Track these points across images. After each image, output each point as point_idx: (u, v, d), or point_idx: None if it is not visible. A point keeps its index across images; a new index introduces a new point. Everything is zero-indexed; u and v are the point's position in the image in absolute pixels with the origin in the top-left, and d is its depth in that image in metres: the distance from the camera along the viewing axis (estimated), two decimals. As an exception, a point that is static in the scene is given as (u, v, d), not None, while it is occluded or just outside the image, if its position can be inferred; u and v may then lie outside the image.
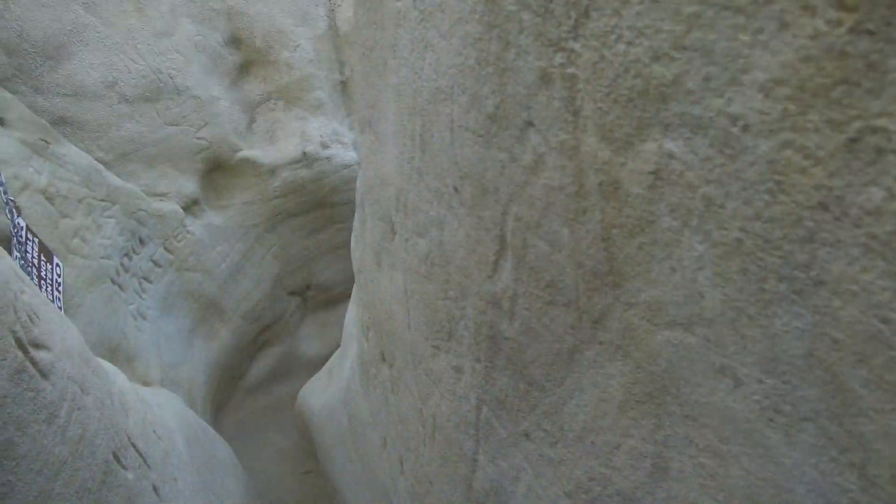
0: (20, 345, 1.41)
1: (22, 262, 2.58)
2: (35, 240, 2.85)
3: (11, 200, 2.75)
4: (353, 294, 3.17)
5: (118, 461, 1.83)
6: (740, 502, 0.61)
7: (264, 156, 4.42)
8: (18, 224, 2.74)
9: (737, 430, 0.57)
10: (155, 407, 2.79)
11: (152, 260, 3.94)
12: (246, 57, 4.39)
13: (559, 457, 0.92)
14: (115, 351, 3.36)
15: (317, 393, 3.92)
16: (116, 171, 3.79)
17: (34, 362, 1.46)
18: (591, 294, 0.62)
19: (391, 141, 1.12)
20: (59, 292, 2.96)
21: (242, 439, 4.70)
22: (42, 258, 2.87)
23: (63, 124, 3.66)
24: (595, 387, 0.73)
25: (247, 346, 5.00)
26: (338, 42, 4.57)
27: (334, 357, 3.87)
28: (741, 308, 0.49)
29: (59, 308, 2.83)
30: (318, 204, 4.83)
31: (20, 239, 2.71)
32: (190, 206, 4.24)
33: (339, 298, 4.88)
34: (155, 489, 2.10)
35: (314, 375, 4.37)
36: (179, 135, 4.05)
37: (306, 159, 4.51)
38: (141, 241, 3.82)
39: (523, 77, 0.54)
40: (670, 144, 0.47)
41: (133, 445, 2.03)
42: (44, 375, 1.49)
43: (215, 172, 4.37)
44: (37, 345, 1.50)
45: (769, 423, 0.54)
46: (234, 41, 4.34)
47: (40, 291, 2.08)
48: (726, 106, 0.45)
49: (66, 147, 3.51)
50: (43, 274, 2.84)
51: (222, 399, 4.92)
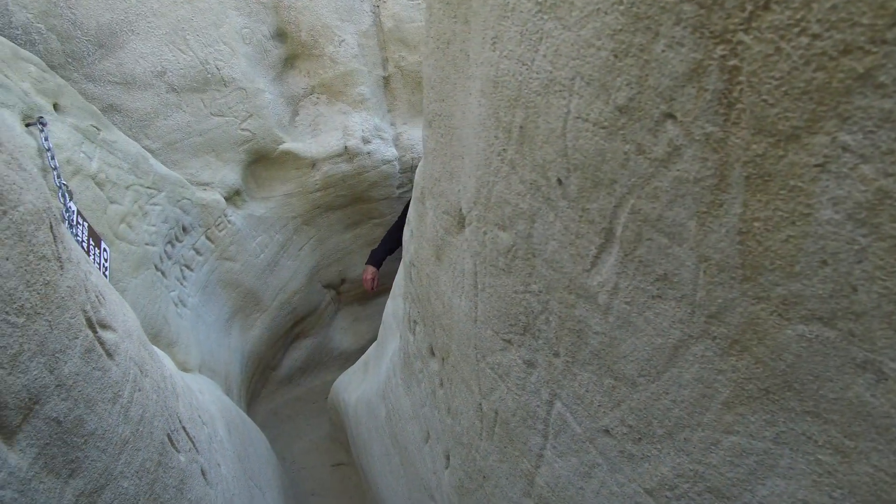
0: (90, 324, 1.44)
1: (74, 246, 2.62)
2: (84, 224, 2.90)
3: (64, 185, 2.80)
4: (396, 289, 3.19)
5: (172, 443, 1.85)
6: (861, 499, 0.60)
7: (306, 149, 4.46)
8: (70, 208, 2.79)
9: (871, 426, 0.57)
10: (197, 392, 2.82)
11: (194, 248, 3.99)
12: (291, 50, 4.43)
13: (642, 453, 0.92)
14: (157, 336, 3.41)
15: (352, 386, 3.95)
16: (162, 160, 3.85)
17: (101, 342, 1.49)
18: (712, 288, 0.62)
19: (472, 134, 1.12)
20: (106, 276, 3.01)
21: (274, 429, 4.74)
22: (91, 242, 2.92)
23: (113, 112, 3.73)
24: (698, 382, 0.72)
25: (281, 337, 5.04)
26: (382, 38, 4.58)
27: (370, 351, 3.89)
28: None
29: (109, 292, 2.87)
30: (357, 199, 4.86)
31: (71, 223, 2.76)
32: (232, 197, 4.29)
33: (373, 293, 4.90)
34: (203, 473, 2.13)
35: (348, 368, 4.39)
36: (224, 125, 4.10)
37: (347, 154, 4.54)
38: (184, 230, 3.88)
39: (670, 69, 0.54)
40: (846, 137, 0.47)
41: (184, 429, 2.06)
42: (110, 355, 1.51)
43: (257, 164, 4.42)
44: (104, 325, 1.53)
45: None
46: (280, 35, 4.37)
47: (95, 274, 2.11)
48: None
49: (116, 134, 3.56)
50: (91, 258, 2.89)
51: (256, 388, 4.97)
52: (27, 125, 2.76)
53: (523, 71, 0.78)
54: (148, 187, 3.59)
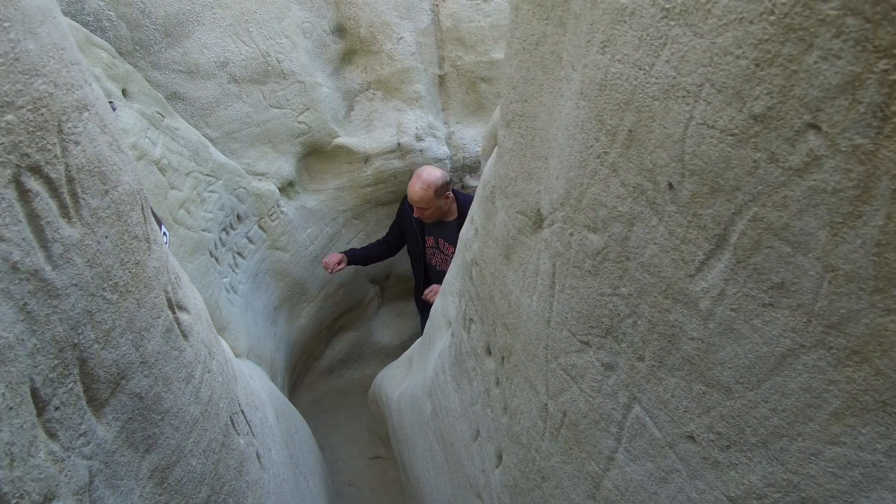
0: (170, 305, 1.48)
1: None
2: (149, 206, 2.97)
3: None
4: (447, 287, 3.20)
5: (233, 426, 1.90)
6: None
7: (359, 144, 4.50)
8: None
9: None
10: (248, 378, 2.88)
11: (247, 237, 4.06)
12: (349, 46, 4.47)
13: (729, 461, 0.92)
14: (209, 321, 3.48)
15: (395, 381, 3.97)
16: (221, 148, 3.92)
17: (179, 323, 1.53)
18: (836, 298, 0.62)
19: (563, 135, 1.12)
20: (167, 260, 3.08)
21: (314, 419, 4.79)
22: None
23: (176, 99, 3.81)
24: (805, 392, 0.72)
25: (325, 329, 5.11)
26: (439, 37, 4.61)
27: (415, 347, 3.92)
28: None
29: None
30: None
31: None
32: (285, 188, 4.36)
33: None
34: (258, 457, 2.17)
35: (391, 363, 4.43)
36: (282, 117, 4.16)
37: (400, 150, 4.57)
38: (238, 218, 3.95)
39: (821, 80, 0.54)
40: None
41: (242, 412, 2.11)
42: (185, 336, 1.56)
43: (311, 156, 4.48)
44: (181, 307, 1.57)
45: None
46: (340, 30, 4.42)
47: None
48: None
49: (179, 121, 3.64)
50: (154, 241, 2.96)
51: (298, 378, 5.05)
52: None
53: (639, 75, 0.79)
54: (207, 175, 3.66)
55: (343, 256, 4.54)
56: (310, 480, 3.27)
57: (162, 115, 3.50)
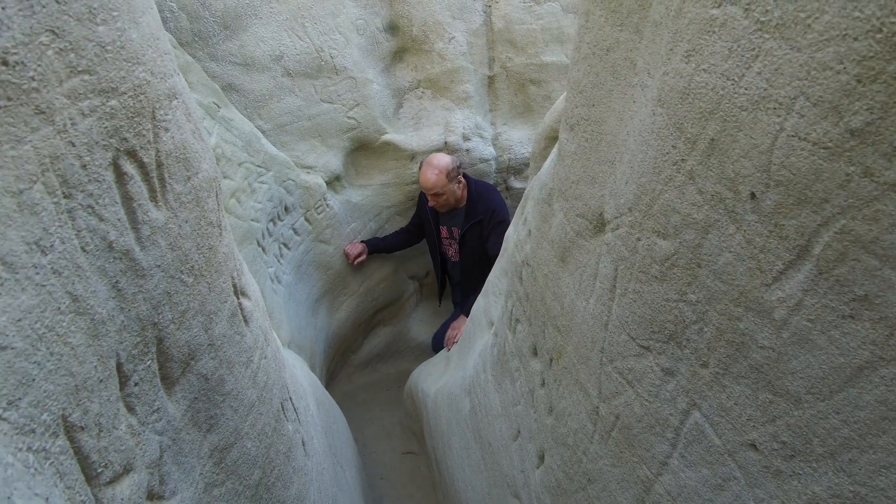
0: (235, 290, 1.53)
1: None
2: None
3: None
4: (489, 287, 3.22)
5: (283, 412, 1.94)
6: None
7: (407, 141, 4.54)
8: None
9: None
10: (292, 366, 2.93)
11: (293, 228, 4.13)
12: (401, 44, 4.51)
13: (792, 471, 0.92)
14: (265, 308, 3.54)
15: (431, 377, 4.00)
16: (272, 140, 3.99)
17: (241, 308, 1.58)
18: (923, 312, 0.63)
19: (635, 141, 1.14)
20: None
21: (348, 411, 4.85)
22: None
23: (231, 91, 3.88)
24: (881, 405, 0.73)
25: (363, 323, 5.16)
26: (491, 38, 4.62)
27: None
28: None
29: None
30: (451, 194, 4.93)
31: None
32: (332, 182, 4.42)
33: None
34: (303, 444, 2.22)
35: (428, 359, 4.47)
36: (332, 112, 4.22)
37: (446, 149, 4.60)
38: (286, 209, 4.01)
39: (926, 98, 0.56)
40: None
41: (290, 399, 2.15)
42: (246, 322, 1.60)
43: (358, 152, 4.53)
44: (243, 293, 1.62)
45: None
46: (392, 28, 4.46)
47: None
48: None
49: (233, 112, 3.72)
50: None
51: (335, 370, 5.11)
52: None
53: (727, 85, 0.80)
54: (258, 166, 3.74)
55: (364, 247, 4.69)
56: (346, 471, 3.31)
57: (218, 106, 3.58)
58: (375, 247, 4.76)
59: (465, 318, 4.14)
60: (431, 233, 4.63)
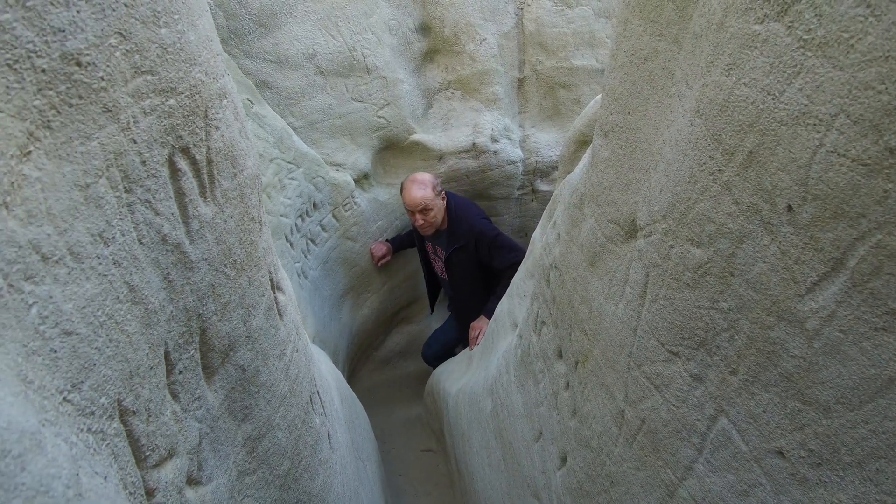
0: (272, 285, 1.57)
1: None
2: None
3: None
4: (514, 289, 3.25)
5: (311, 405, 1.98)
6: None
7: (435, 141, 4.58)
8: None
9: None
10: (318, 361, 2.97)
11: (321, 224, 4.18)
12: (432, 45, 4.55)
13: (819, 479, 0.94)
14: (297, 303, 3.59)
15: (453, 376, 4.03)
16: (303, 137, 4.05)
17: (277, 302, 1.62)
18: (958, 328, 0.65)
19: (671, 150, 1.16)
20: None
21: (368, 408, 4.89)
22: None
23: (264, 88, 3.94)
24: (912, 417, 0.75)
25: (386, 320, 5.21)
26: (522, 40, 4.64)
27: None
28: None
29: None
30: (476, 195, 4.95)
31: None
32: (360, 180, 4.47)
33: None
34: (329, 437, 2.26)
35: (449, 359, 4.50)
36: (363, 111, 4.27)
37: (474, 150, 4.63)
38: (314, 206, 4.07)
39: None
40: None
41: (318, 392, 2.19)
42: (280, 315, 1.64)
43: (387, 151, 4.57)
44: (279, 287, 1.66)
45: None
46: (424, 28, 4.50)
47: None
48: None
49: (266, 109, 3.78)
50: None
51: (356, 366, 5.16)
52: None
53: (767, 100, 0.82)
54: (289, 162, 3.79)
55: (389, 248, 4.74)
56: (367, 465, 3.35)
57: (251, 102, 3.64)
58: (400, 244, 4.80)
59: (486, 319, 4.15)
60: (422, 247, 4.66)
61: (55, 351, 0.70)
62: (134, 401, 0.90)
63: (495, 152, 4.69)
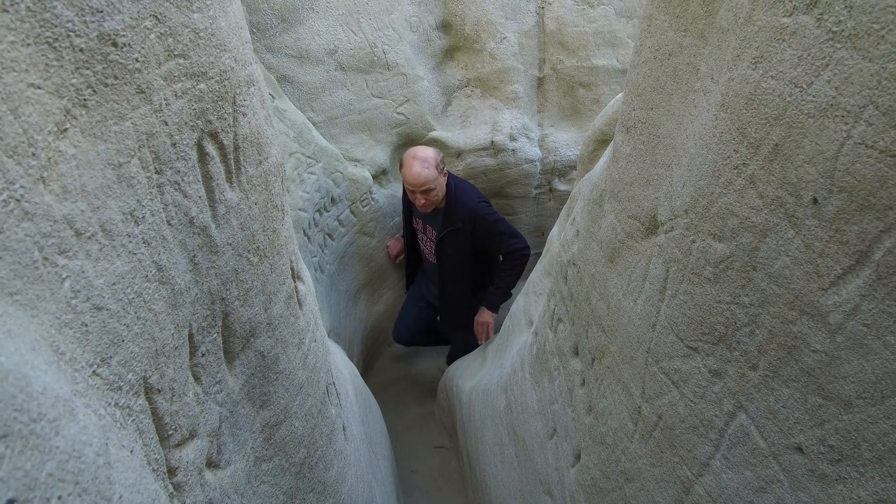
0: (292, 274, 1.58)
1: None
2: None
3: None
4: (529, 286, 3.25)
5: (328, 395, 1.99)
6: None
7: (454, 139, 4.58)
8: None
9: None
10: (334, 353, 2.99)
11: (338, 219, 4.20)
12: (453, 42, 4.56)
13: (838, 475, 0.94)
14: (315, 294, 3.61)
15: (467, 373, 4.04)
16: (322, 133, 4.07)
17: (297, 291, 1.63)
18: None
19: (694, 145, 1.16)
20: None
21: (381, 404, 4.90)
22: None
23: (285, 82, 3.97)
24: (935, 412, 0.75)
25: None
26: (542, 39, 4.64)
27: (490, 342, 3.98)
28: None
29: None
30: (494, 194, 4.95)
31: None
32: (378, 175, 4.48)
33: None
34: (343, 428, 2.27)
35: (464, 356, 4.50)
36: (382, 107, 4.28)
37: (493, 148, 4.63)
38: (333, 200, 4.09)
39: None
40: None
41: (334, 384, 2.20)
42: (300, 305, 1.65)
43: (405, 147, 4.57)
44: (299, 277, 1.68)
45: None
46: (445, 26, 4.51)
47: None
48: None
49: (287, 104, 3.81)
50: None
51: (370, 361, 5.18)
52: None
53: (794, 93, 0.82)
54: (308, 157, 3.81)
55: (403, 246, 4.64)
56: (380, 460, 3.37)
57: (273, 97, 3.67)
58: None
59: (487, 310, 4.11)
60: (409, 225, 4.42)
61: (86, 325, 0.72)
62: (159, 379, 0.91)
63: (513, 151, 4.69)
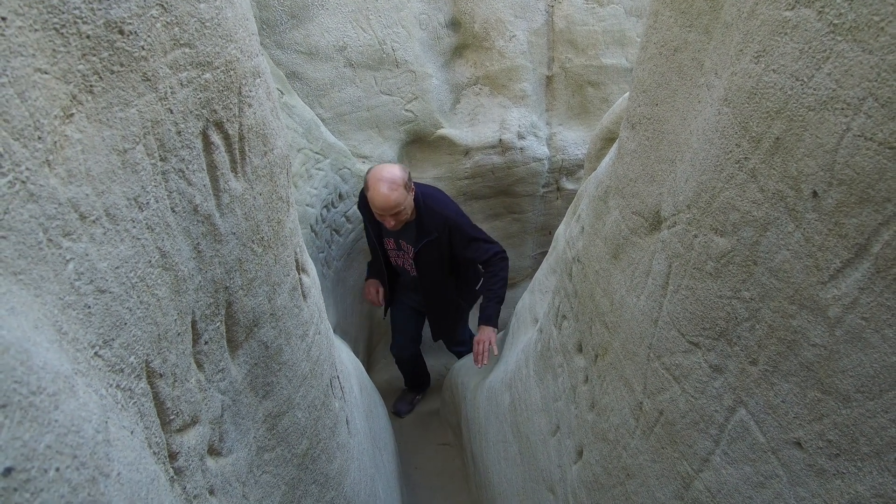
0: (297, 266, 1.59)
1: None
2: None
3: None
4: (535, 285, 3.25)
5: (331, 388, 2.00)
6: None
7: (462, 137, 4.59)
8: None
9: None
10: (339, 348, 3.00)
11: (345, 216, 4.21)
12: (462, 40, 4.56)
13: (836, 469, 0.94)
14: (320, 287, 3.62)
15: (472, 370, 4.04)
16: (331, 129, 4.08)
17: (301, 283, 1.64)
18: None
19: (698, 140, 1.16)
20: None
21: (387, 400, 4.91)
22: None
23: (294, 78, 3.99)
24: (932, 406, 0.75)
25: (408, 314, 5.23)
26: (551, 38, 4.64)
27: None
28: None
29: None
30: (501, 192, 4.95)
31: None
32: (386, 172, 4.49)
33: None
34: (347, 422, 2.28)
35: (469, 354, 4.50)
36: (391, 104, 4.29)
37: (501, 146, 4.64)
38: (340, 196, 4.10)
39: None
40: None
41: (338, 377, 2.21)
42: (304, 297, 1.66)
43: (413, 144, 4.59)
44: (303, 269, 1.69)
45: None
46: (454, 24, 4.52)
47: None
48: None
49: (295, 100, 3.82)
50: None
51: (376, 357, 5.19)
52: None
53: (796, 86, 0.82)
54: (316, 153, 3.83)
55: (378, 284, 4.19)
56: (384, 455, 3.38)
57: (282, 93, 3.68)
58: (378, 270, 4.23)
59: (486, 327, 3.76)
60: (379, 242, 4.04)
61: (89, 307, 0.73)
62: (161, 364, 0.92)
63: (521, 149, 4.69)
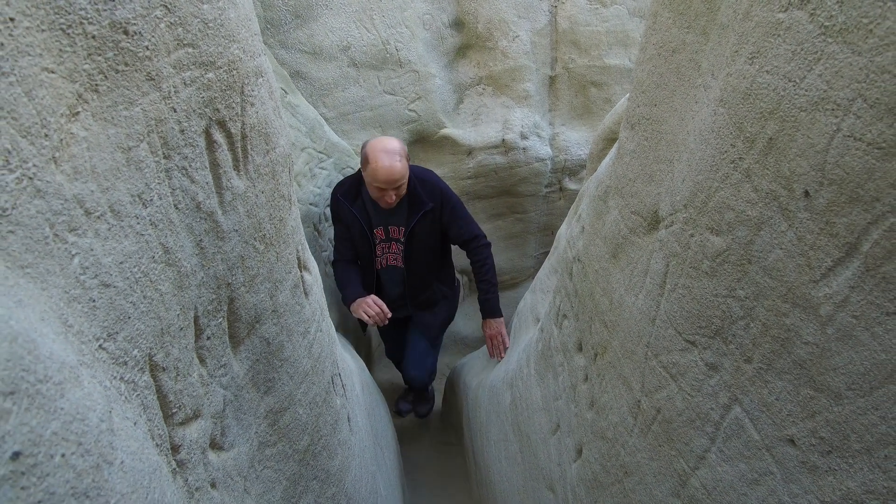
0: (299, 263, 1.61)
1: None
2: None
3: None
4: (537, 284, 3.27)
5: (333, 385, 2.02)
6: None
7: (465, 136, 4.60)
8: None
9: None
10: (341, 346, 3.01)
11: (348, 215, 4.23)
12: (465, 40, 4.58)
13: (828, 466, 0.95)
14: (322, 285, 3.63)
15: (474, 370, 4.06)
16: (334, 128, 4.10)
17: (303, 281, 1.66)
18: (967, 311, 0.66)
19: (694, 140, 1.17)
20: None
21: (389, 400, 4.92)
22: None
23: (298, 78, 4.00)
24: (920, 403, 0.76)
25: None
26: (555, 38, 4.65)
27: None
28: None
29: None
30: (504, 192, 4.96)
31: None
32: (389, 172, 4.51)
33: (503, 285, 4.98)
34: (349, 419, 2.30)
35: (471, 353, 4.52)
36: (394, 104, 4.31)
37: (504, 146, 4.65)
38: (343, 196, 4.12)
39: None
40: None
41: (339, 375, 2.23)
42: (306, 294, 1.68)
43: (416, 144, 4.61)
44: (305, 267, 1.70)
45: None
46: (458, 24, 4.53)
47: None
48: None
49: (299, 99, 3.84)
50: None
51: (378, 357, 5.21)
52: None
53: (788, 87, 0.83)
54: (319, 152, 3.84)
55: (374, 297, 3.68)
56: (385, 453, 3.39)
57: (285, 92, 3.70)
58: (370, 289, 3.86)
59: (492, 320, 3.71)
60: (366, 240, 3.69)
61: (94, 300, 0.74)
62: (164, 358, 0.94)
63: (524, 149, 4.70)
